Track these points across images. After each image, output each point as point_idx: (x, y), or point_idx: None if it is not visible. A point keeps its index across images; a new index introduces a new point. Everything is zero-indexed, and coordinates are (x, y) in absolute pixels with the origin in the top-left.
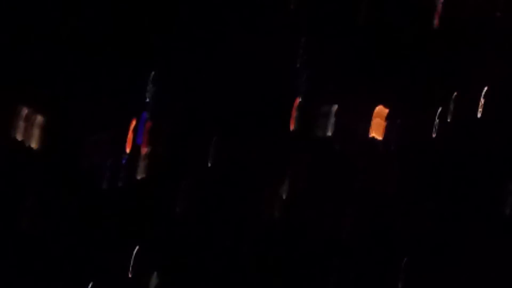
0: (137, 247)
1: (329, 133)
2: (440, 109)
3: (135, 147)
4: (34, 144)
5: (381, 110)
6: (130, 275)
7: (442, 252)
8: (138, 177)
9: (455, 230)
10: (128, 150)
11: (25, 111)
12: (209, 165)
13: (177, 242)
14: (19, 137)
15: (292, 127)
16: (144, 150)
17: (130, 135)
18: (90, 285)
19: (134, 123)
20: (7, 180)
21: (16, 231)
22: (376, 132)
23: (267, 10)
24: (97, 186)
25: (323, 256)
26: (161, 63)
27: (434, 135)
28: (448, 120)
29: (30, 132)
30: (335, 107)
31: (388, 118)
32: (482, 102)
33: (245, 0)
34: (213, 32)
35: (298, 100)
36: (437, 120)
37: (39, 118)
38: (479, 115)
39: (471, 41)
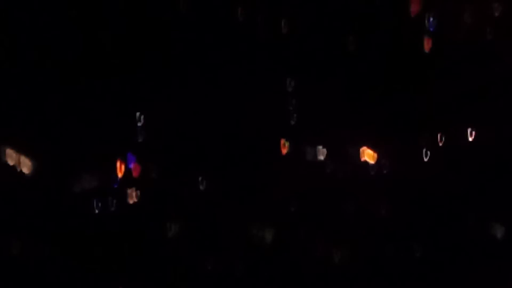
0: (127, 273)
1: (321, 157)
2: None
3: (127, 171)
4: (25, 169)
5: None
6: None
7: (435, 277)
8: (130, 202)
9: (448, 254)
10: (120, 175)
11: (15, 136)
12: (201, 188)
13: (169, 267)
14: (10, 162)
15: (284, 152)
16: (136, 174)
17: (121, 160)
18: None
19: (125, 147)
20: None
21: (6, 255)
22: (368, 156)
23: (257, 38)
24: (89, 211)
25: (315, 280)
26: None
27: (426, 159)
28: (440, 145)
29: (21, 157)
30: (327, 131)
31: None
32: (473, 129)
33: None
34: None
35: (290, 124)
36: (428, 145)
37: (30, 144)
38: (470, 139)
39: (463, 65)
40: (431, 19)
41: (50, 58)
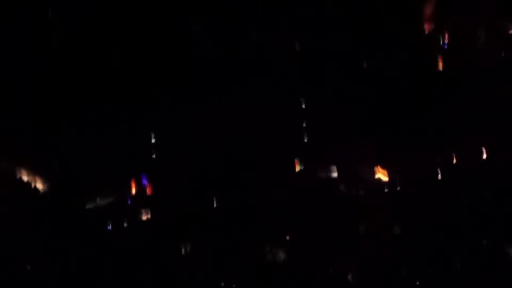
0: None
1: (335, 174)
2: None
3: (140, 188)
4: (40, 185)
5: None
6: None
7: None
8: (144, 218)
9: (460, 270)
10: (133, 191)
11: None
12: (215, 205)
13: (182, 283)
14: (24, 179)
15: (297, 169)
16: (149, 191)
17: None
18: None
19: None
20: (14, 221)
21: (22, 269)
22: (382, 172)
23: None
24: (103, 226)
25: None
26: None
27: (439, 177)
28: (454, 162)
29: (35, 173)
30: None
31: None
32: (487, 147)
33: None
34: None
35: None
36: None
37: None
38: (484, 157)
39: (477, 83)
40: (445, 37)
41: (66, 80)
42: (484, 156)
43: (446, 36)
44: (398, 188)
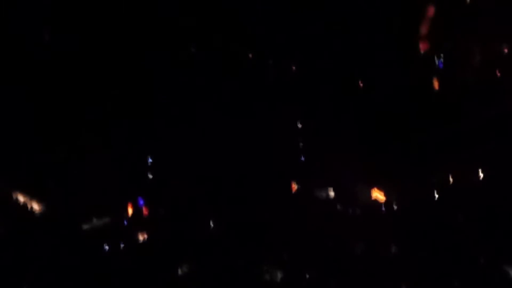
0: None
1: (331, 194)
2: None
3: (137, 209)
4: (36, 207)
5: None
6: None
7: None
8: (140, 239)
9: None
10: (130, 212)
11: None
12: (211, 226)
13: None
14: (21, 200)
15: (294, 189)
16: (146, 212)
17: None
18: None
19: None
20: (9, 242)
21: None
22: (379, 193)
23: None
24: (99, 247)
25: None
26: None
27: (436, 197)
28: (450, 183)
29: (31, 194)
30: (337, 169)
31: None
32: (483, 167)
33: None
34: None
35: (300, 159)
36: (438, 183)
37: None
38: (480, 177)
39: (473, 103)
40: (441, 57)
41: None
42: (481, 177)
43: (442, 56)
44: (395, 208)
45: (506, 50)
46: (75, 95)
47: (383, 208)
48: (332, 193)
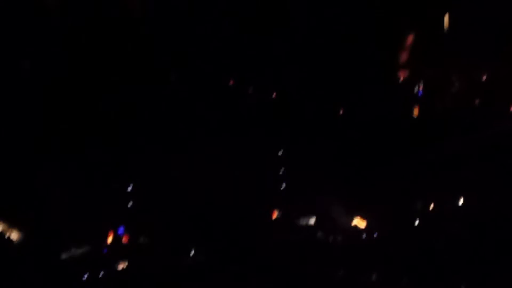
0: None
1: (312, 222)
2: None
3: (117, 237)
4: (14, 235)
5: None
6: None
7: None
8: (120, 267)
9: None
10: (109, 241)
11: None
12: (192, 254)
13: None
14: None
15: (274, 216)
16: (126, 240)
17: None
18: None
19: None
20: None
21: None
22: (359, 220)
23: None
24: (78, 276)
25: None
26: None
27: (416, 224)
28: (430, 209)
29: (10, 223)
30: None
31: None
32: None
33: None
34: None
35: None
36: (419, 210)
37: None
38: (460, 203)
39: (452, 130)
40: (420, 85)
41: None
42: (461, 203)
43: (421, 83)
44: (376, 235)
45: (484, 77)
46: (54, 122)
47: (364, 235)
48: (313, 220)
